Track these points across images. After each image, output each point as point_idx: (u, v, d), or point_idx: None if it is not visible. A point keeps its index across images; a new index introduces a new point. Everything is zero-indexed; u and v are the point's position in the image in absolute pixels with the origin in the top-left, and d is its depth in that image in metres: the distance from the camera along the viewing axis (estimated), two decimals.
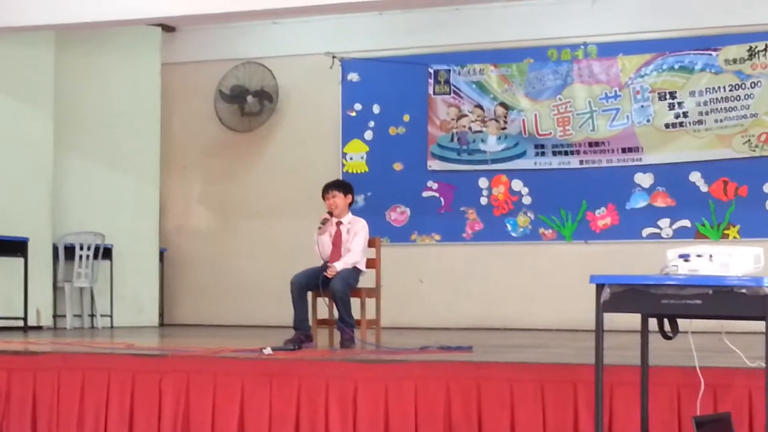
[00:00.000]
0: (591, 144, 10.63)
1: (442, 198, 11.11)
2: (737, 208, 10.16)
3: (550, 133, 10.73)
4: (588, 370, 4.74)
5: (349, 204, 7.70)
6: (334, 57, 11.38)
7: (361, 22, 11.13)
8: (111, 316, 10.72)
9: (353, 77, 11.45)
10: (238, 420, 5.69)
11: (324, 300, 7.49)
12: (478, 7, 10.75)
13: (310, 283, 7.33)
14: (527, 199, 10.84)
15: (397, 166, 11.26)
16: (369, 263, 7.61)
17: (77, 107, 10.80)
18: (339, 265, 7.36)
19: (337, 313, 7.33)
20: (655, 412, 4.82)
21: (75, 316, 10.53)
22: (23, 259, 9.83)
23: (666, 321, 4.44)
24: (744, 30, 10.15)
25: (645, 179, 10.47)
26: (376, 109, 11.37)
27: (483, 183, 10.98)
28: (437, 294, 11.00)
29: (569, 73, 10.72)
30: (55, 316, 10.47)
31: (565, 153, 10.70)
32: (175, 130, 12.06)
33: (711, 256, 4.11)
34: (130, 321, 10.82)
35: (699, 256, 4.13)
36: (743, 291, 3.97)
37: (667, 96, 10.38)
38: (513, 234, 10.88)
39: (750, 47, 10.11)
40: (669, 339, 4.46)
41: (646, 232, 10.43)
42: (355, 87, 11.44)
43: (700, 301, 4.04)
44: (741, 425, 4.73)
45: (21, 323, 9.77)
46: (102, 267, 10.70)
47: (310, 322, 7.38)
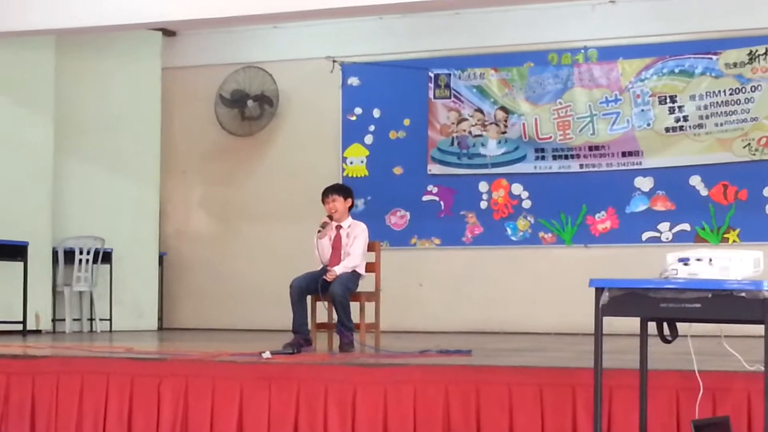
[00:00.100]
0: (591, 148, 10.63)
1: (442, 202, 11.11)
2: (737, 211, 10.15)
3: (550, 137, 10.73)
4: (587, 373, 4.75)
5: (349, 208, 7.69)
6: (334, 61, 11.38)
7: (362, 26, 11.14)
8: (110, 320, 10.71)
9: (353, 81, 11.46)
10: (236, 424, 5.69)
11: (323, 304, 7.48)
12: (478, 12, 10.75)
13: (309, 287, 7.31)
14: (527, 203, 10.84)
15: (397, 170, 11.26)
16: (369, 267, 7.60)
17: (77, 111, 10.80)
18: (338, 269, 7.34)
19: (337, 317, 7.32)
20: (654, 415, 4.82)
21: (74, 320, 10.52)
22: (23, 263, 9.82)
23: (665, 325, 4.44)
24: (744, 34, 10.16)
25: (645, 183, 10.47)
26: (376, 113, 11.37)
27: (483, 187, 10.98)
28: (437, 298, 10.99)
29: (569, 77, 10.72)
30: (55, 320, 10.46)
31: (566, 157, 10.70)
32: (176, 134, 12.06)
33: (710, 259, 4.11)
34: (129, 325, 10.81)
35: (698, 259, 4.13)
36: (742, 295, 3.97)
37: (668, 100, 10.38)
38: (513, 238, 10.88)
39: (750, 51, 10.12)
40: (668, 343, 4.46)
41: (645, 235, 10.43)
42: (356, 91, 11.44)
43: (699, 305, 4.05)
44: (740, 429, 4.72)
45: (20, 327, 9.75)
46: (102, 271, 10.69)
47: (309, 326, 7.37)
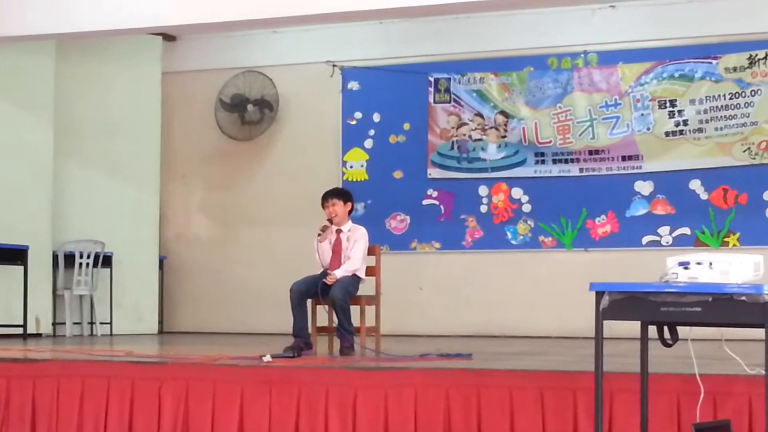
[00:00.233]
0: (591, 152, 10.63)
1: (442, 206, 11.11)
2: (737, 215, 10.16)
3: (550, 141, 10.74)
4: (588, 377, 4.74)
5: (349, 212, 7.69)
6: (334, 66, 11.39)
7: (362, 31, 11.15)
8: (110, 323, 10.70)
9: (353, 86, 11.46)
10: (237, 427, 5.69)
11: (324, 307, 7.48)
12: (478, 16, 10.75)
13: (309, 291, 7.32)
14: (527, 207, 10.84)
15: (397, 174, 11.27)
16: (369, 271, 7.60)
17: (78, 115, 10.80)
18: (339, 273, 7.34)
19: (337, 321, 7.32)
20: (655, 419, 4.82)
21: (74, 323, 10.51)
22: (23, 267, 9.81)
23: (666, 328, 4.43)
24: (744, 38, 10.16)
25: (645, 187, 10.48)
26: (376, 118, 11.38)
27: (483, 191, 10.99)
28: (437, 301, 10.99)
29: (569, 82, 10.73)
30: (55, 323, 10.46)
31: (565, 161, 10.71)
32: (176, 138, 12.07)
33: (711, 263, 4.11)
34: (129, 329, 10.80)
35: (699, 263, 4.13)
36: (743, 298, 3.97)
37: (668, 104, 10.39)
38: (513, 242, 10.88)
39: (750, 55, 10.13)
40: (669, 346, 4.46)
41: (645, 239, 10.43)
42: (356, 95, 11.45)
43: (699, 309, 4.04)
44: None
45: (20, 331, 9.76)
46: (102, 275, 10.69)
47: (309, 329, 7.37)
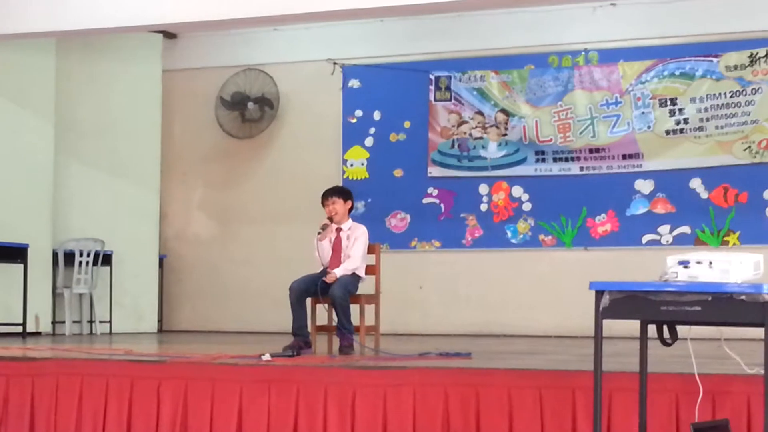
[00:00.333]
0: (591, 150, 10.62)
1: (442, 204, 11.10)
2: (737, 214, 10.15)
3: (550, 140, 10.73)
4: (587, 376, 4.74)
5: (349, 210, 7.68)
6: (335, 63, 11.38)
7: (362, 28, 11.14)
8: (110, 322, 10.70)
9: (354, 84, 11.45)
10: (236, 426, 5.68)
11: (323, 306, 7.47)
12: (478, 14, 10.75)
13: (308, 290, 7.31)
14: (527, 206, 10.83)
15: (398, 172, 11.26)
16: (369, 269, 7.59)
17: (78, 113, 10.80)
18: (338, 272, 7.34)
19: (337, 320, 7.31)
20: (654, 418, 4.81)
21: (74, 322, 10.51)
22: (23, 265, 9.81)
23: (665, 327, 4.43)
24: (745, 37, 10.15)
25: (645, 186, 10.47)
26: (376, 116, 11.37)
27: (483, 189, 10.98)
28: (437, 300, 10.98)
29: (570, 80, 10.71)
30: (54, 322, 10.46)
31: (566, 159, 10.70)
32: (176, 136, 12.06)
33: (711, 262, 4.10)
34: (129, 327, 10.81)
35: (699, 262, 4.12)
36: (742, 298, 3.96)
37: (668, 102, 10.38)
38: (513, 240, 10.87)
39: (751, 54, 10.12)
40: (668, 345, 4.45)
41: (646, 238, 10.42)
42: (356, 93, 11.44)
43: (699, 308, 4.04)
44: None
45: (20, 329, 9.74)
46: (101, 273, 10.68)
47: (309, 328, 7.36)
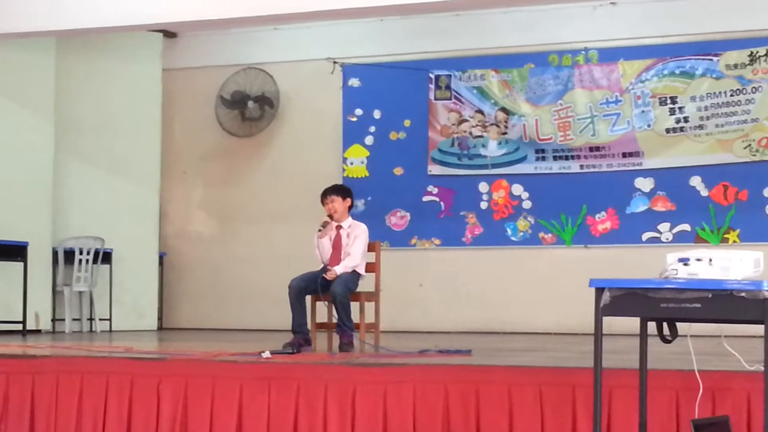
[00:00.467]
0: (591, 149, 10.62)
1: (442, 202, 11.11)
2: (737, 212, 10.15)
3: (550, 138, 10.73)
4: (587, 373, 4.74)
5: (349, 208, 7.68)
6: (335, 62, 11.38)
7: (362, 27, 11.15)
8: (110, 320, 10.71)
9: (354, 82, 11.45)
10: (236, 424, 5.68)
11: (323, 304, 7.48)
12: (478, 13, 10.75)
13: (308, 287, 7.31)
14: (527, 204, 10.83)
15: (398, 170, 11.26)
16: (369, 267, 7.59)
17: (78, 112, 10.80)
18: (339, 269, 7.34)
19: (337, 317, 7.32)
20: (654, 415, 4.81)
21: (74, 320, 10.52)
22: (23, 263, 9.82)
23: (665, 325, 4.43)
24: (745, 35, 10.16)
25: (645, 184, 10.47)
26: (376, 115, 11.37)
27: (483, 187, 10.98)
28: (437, 298, 10.99)
29: (570, 78, 10.72)
30: (54, 320, 10.47)
31: (566, 158, 10.70)
32: (176, 135, 12.06)
33: (710, 260, 4.10)
34: (129, 325, 10.82)
35: (698, 260, 4.13)
36: (742, 295, 3.96)
37: (668, 101, 10.38)
38: (513, 238, 10.87)
39: (751, 52, 10.12)
40: (668, 343, 4.46)
41: (646, 236, 10.43)
42: (356, 92, 11.44)
43: (699, 305, 4.04)
44: (739, 428, 4.72)
45: (20, 327, 9.75)
46: (101, 271, 10.69)
47: (309, 325, 7.37)
